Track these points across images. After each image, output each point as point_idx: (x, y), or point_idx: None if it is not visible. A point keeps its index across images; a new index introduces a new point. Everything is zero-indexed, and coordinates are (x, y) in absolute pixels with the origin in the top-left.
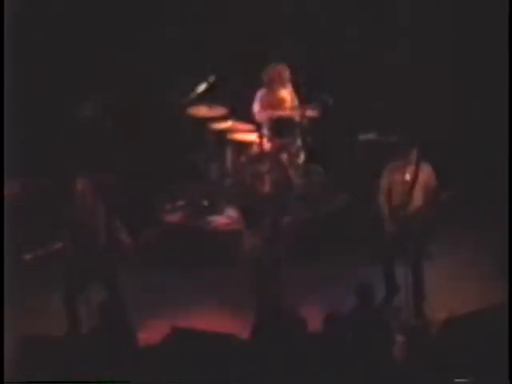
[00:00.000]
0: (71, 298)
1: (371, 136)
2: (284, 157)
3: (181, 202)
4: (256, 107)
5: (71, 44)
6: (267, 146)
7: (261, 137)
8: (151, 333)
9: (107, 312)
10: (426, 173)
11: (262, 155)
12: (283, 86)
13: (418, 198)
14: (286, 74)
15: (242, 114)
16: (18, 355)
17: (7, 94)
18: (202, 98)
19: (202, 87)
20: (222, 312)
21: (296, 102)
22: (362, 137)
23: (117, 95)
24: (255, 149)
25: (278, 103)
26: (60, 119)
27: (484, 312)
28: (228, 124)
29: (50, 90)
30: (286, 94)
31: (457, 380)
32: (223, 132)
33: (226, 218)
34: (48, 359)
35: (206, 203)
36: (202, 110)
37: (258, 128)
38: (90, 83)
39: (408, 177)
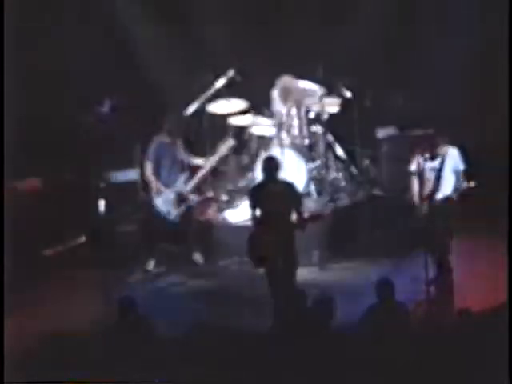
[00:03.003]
0: None
1: (391, 131)
2: (302, 151)
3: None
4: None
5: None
6: (286, 140)
7: (279, 131)
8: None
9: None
10: (453, 158)
11: (280, 150)
12: (291, 98)
13: (447, 184)
14: (293, 85)
15: (262, 108)
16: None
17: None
18: (222, 94)
19: (221, 82)
20: (239, 307)
21: (315, 96)
22: (382, 131)
23: (132, 92)
24: (275, 143)
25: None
26: (77, 117)
27: (484, 311)
28: (247, 119)
29: (68, 88)
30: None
31: None
32: (242, 127)
33: (244, 212)
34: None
35: (225, 198)
36: (221, 105)
37: (276, 123)
38: (105, 82)
39: (436, 163)
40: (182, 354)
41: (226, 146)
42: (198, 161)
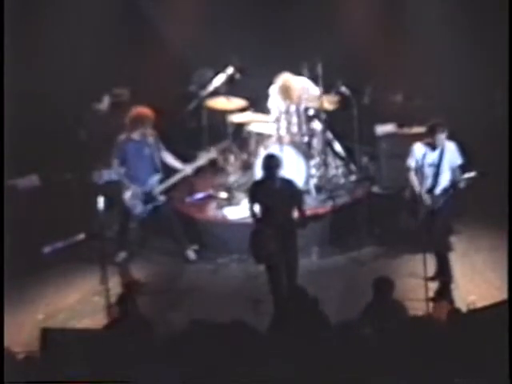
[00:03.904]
0: None
1: (390, 128)
2: (301, 148)
3: (200, 195)
4: (273, 99)
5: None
6: (285, 137)
7: (278, 129)
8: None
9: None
10: (451, 152)
11: (279, 147)
12: (291, 95)
13: (444, 179)
14: (292, 83)
15: (261, 106)
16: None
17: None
18: (221, 91)
19: (220, 79)
20: (239, 304)
21: (314, 94)
22: (381, 128)
23: (134, 88)
24: (274, 140)
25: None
26: (78, 113)
27: (484, 311)
28: (246, 116)
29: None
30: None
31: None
32: (241, 124)
33: (243, 210)
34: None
35: (224, 195)
36: (220, 102)
37: (275, 120)
38: (107, 77)
39: (435, 156)
40: (181, 352)
41: (207, 156)
42: (175, 164)
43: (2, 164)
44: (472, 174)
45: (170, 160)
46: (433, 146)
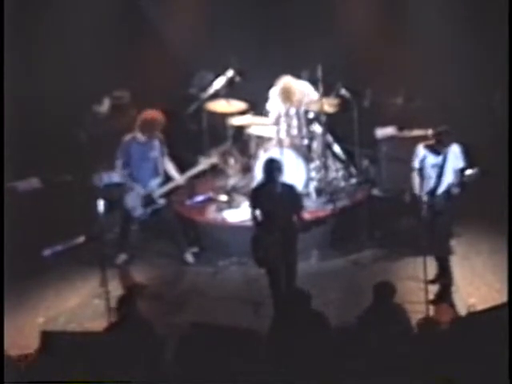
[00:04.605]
0: None
1: (389, 130)
2: (301, 151)
3: (200, 197)
4: (273, 102)
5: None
6: (285, 140)
7: (278, 131)
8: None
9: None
10: (455, 155)
11: (279, 150)
12: (291, 98)
13: (447, 181)
14: (293, 85)
15: (261, 109)
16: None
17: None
18: (221, 93)
19: (220, 82)
20: (239, 307)
21: (314, 97)
22: (380, 131)
23: (134, 91)
24: (274, 143)
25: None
26: (78, 116)
27: (484, 313)
28: (246, 119)
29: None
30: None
31: None
32: (241, 127)
33: (244, 213)
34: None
35: (224, 198)
36: (220, 105)
37: (275, 123)
38: (107, 79)
39: (439, 159)
40: (181, 354)
41: (207, 161)
42: (173, 173)
43: (2, 166)
44: (474, 171)
45: (169, 168)
46: (437, 151)
